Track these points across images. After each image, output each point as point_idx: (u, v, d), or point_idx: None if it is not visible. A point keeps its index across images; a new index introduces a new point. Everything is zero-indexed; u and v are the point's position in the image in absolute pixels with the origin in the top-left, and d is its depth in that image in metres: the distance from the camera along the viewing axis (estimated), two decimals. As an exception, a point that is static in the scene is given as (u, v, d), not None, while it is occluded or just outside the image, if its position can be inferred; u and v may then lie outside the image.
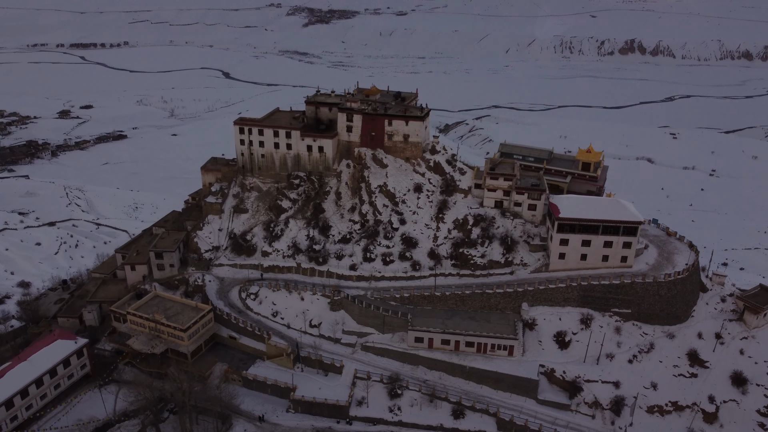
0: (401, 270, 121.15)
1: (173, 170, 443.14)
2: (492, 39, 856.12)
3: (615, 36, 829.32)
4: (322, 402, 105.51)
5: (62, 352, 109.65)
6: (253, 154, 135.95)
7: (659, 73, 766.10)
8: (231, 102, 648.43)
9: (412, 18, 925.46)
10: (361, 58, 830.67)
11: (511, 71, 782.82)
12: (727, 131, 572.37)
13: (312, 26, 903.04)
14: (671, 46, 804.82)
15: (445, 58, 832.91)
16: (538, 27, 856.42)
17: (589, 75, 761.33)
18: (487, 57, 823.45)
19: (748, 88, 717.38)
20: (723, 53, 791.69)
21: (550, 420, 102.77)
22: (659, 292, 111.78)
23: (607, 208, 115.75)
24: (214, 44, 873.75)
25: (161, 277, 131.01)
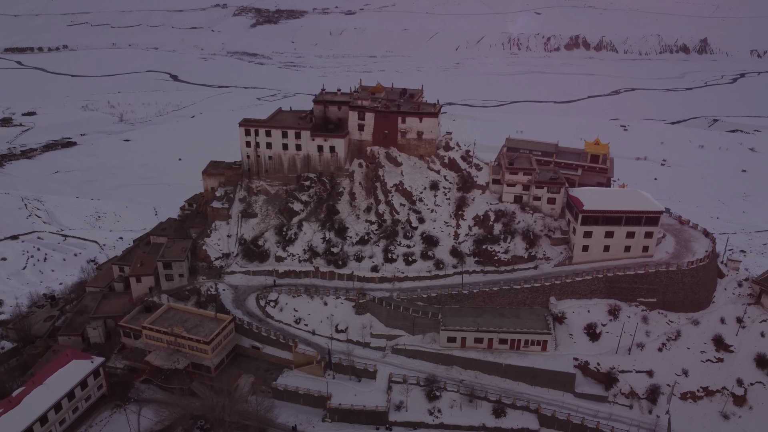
0: (425, 269, 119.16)
1: (130, 177, 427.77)
2: (441, 37, 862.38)
3: (560, 32, 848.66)
4: (360, 409, 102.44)
5: (79, 373, 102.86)
6: (259, 156, 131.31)
7: (604, 67, 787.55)
8: (182, 105, 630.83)
9: (361, 17, 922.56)
10: (312, 58, 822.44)
11: (462, 68, 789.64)
12: (673, 122, 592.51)
13: (260, 27, 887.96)
14: (614, 42, 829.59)
15: (397, 56, 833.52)
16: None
17: (537, 71, 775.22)
18: (438, 55, 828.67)
19: (688, 81, 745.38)
20: (662, 47, 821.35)
21: (591, 413, 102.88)
22: (683, 280, 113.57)
23: (628, 199, 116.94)
24: (160, 46, 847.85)
25: (170, 288, 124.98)
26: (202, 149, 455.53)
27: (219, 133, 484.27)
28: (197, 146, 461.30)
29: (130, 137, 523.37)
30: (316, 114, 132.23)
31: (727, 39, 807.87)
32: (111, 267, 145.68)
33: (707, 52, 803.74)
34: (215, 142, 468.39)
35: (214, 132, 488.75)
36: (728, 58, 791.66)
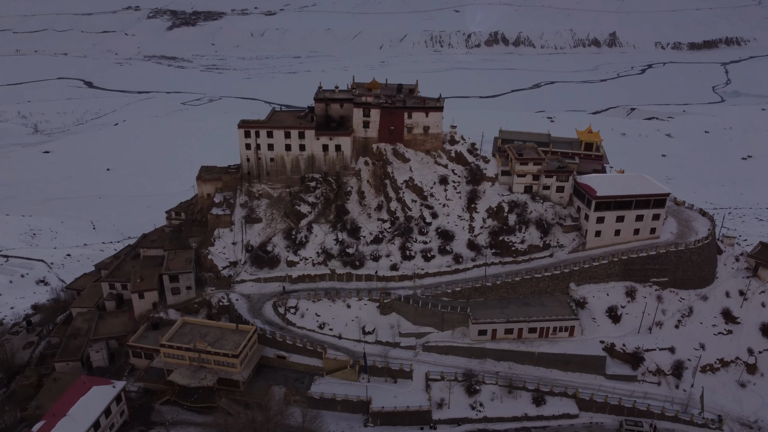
0: (444, 264, 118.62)
1: (56, 191, 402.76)
2: (365, 36, 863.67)
3: (480, 29, 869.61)
4: (403, 411, 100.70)
5: (102, 400, 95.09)
6: (260, 159, 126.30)
7: (523, 62, 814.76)
8: (101, 113, 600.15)
9: (282, 18, 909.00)
10: (234, 60, 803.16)
11: (388, 66, 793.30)
12: (593, 112, 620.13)
13: (177, 29, 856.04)
14: (530, 37, 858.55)
15: (321, 56, 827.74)
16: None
17: (461, 67, 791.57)
18: (363, 54, 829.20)
19: (601, 72, 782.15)
20: (575, 42, 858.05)
21: (626, 393, 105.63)
22: (691, 258, 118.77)
23: (635, 184, 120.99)
24: (69, 52, 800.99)
25: (177, 302, 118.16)
26: (132, 157, 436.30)
27: (148, 140, 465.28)
28: (125, 155, 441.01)
29: (49, 148, 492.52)
30: (317, 112, 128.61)
31: (634, 33, 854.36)
32: (97, 285, 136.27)
33: (617, 45, 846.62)
34: (145, 149, 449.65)
35: (142, 139, 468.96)
36: (636, 50, 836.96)
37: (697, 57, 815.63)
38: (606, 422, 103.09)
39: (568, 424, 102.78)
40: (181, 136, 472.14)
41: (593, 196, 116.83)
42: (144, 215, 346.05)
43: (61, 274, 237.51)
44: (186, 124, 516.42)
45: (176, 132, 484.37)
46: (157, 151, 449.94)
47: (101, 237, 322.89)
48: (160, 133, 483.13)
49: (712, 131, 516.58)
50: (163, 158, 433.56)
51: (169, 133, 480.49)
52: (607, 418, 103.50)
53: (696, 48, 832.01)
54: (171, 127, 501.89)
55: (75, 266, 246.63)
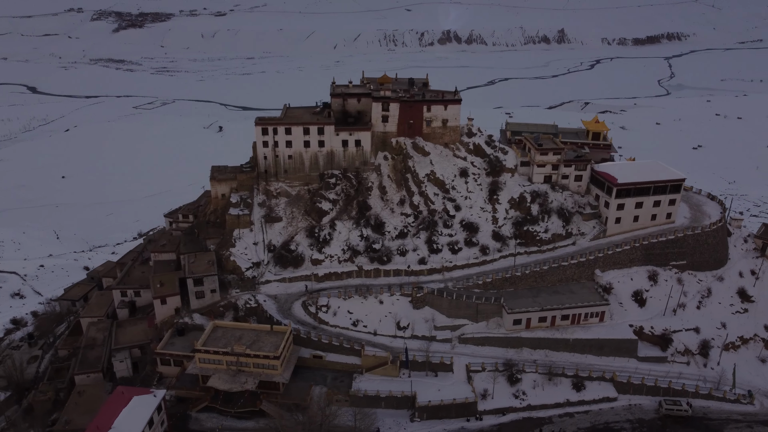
0: (471, 256, 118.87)
1: (8, 201, 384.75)
2: (318, 36, 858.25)
3: (432, 27, 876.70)
4: (449, 403, 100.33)
5: (145, 410, 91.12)
6: (278, 156, 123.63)
7: (476, 60, 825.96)
8: (49, 119, 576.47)
9: (233, 18, 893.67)
10: (186, 62, 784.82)
11: (344, 66, 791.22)
12: (549, 107, 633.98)
13: (124, 31, 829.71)
14: (482, 35, 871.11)
15: (275, 57, 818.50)
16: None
17: (415, 65, 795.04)
18: (317, 54, 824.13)
19: (552, 69, 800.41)
20: (526, 39, 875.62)
21: (661, 374, 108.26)
22: (707, 241, 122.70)
23: (651, 170, 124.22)
24: (9, 56, 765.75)
25: (201, 305, 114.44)
26: (88, 164, 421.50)
27: (103, 146, 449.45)
28: (79, 161, 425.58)
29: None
30: (334, 108, 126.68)
31: (581, 29, 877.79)
32: (105, 293, 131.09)
33: (565, 42, 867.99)
34: (101, 155, 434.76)
35: (96, 145, 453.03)
36: (583, 46, 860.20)
37: (642, 52, 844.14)
38: (644, 403, 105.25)
39: (608, 407, 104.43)
40: (138, 141, 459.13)
41: (614, 183, 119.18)
42: (108, 223, 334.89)
43: (37, 285, 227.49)
44: (141, 128, 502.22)
45: (132, 136, 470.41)
46: (114, 156, 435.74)
47: (67, 247, 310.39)
48: (115, 138, 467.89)
49: (663, 123, 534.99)
50: (122, 164, 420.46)
51: (125, 138, 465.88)
52: (645, 399, 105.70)
53: (640, 43, 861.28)
54: (126, 132, 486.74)
55: (50, 277, 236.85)
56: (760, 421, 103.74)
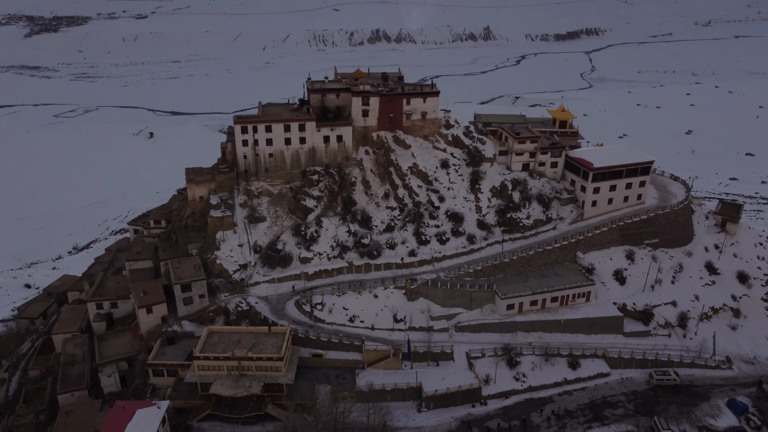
0: (460, 246, 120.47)
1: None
2: (246, 37, 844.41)
3: (361, 27, 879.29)
4: (455, 391, 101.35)
5: (152, 423, 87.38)
6: (258, 155, 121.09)
7: (406, 58, 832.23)
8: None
9: (155, 21, 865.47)
10: (107, 68, 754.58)
11: (275, 67, 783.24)
12: (482, 102, 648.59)
13: (37, 36, 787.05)
14: (411, 33, 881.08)
15: (202, 60, 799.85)
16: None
17: (347, 65, 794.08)
18: (246, 55, 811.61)
19: (481, 65, 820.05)
20: (454, 36, 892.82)
21: (648, 347, 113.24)
22: (676, 219, 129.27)
23: (622, 154, 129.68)
24: None
25: (190, 312, 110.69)
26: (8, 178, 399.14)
27: (23, 158, 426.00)
28: (2, 175, 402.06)
29: None
30: (313, 104, 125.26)
31: (506, 26, 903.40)
32: (77, 308, 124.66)
33: (491, 39, 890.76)
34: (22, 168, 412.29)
35: (15, 158, 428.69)
36: (509, 42, 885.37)
37: (564, 47, 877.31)
38: (635, 376, 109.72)
39: (603, 382, 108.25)
40: (63, 151, 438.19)
41: (591, 168, 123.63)
42: (38, 237, 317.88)
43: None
44: (65, 137, 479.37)
45: (56, 146, 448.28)
46: (38, 168, 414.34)
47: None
48: (38, 149, 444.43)
49: (589, 114, 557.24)
50: (47, 175, 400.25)
51: (48, 149, 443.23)
52: (636, 372, 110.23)
53: (561, 39, 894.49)
54: (49, 142, 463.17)
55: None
56: (740, 383, 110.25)
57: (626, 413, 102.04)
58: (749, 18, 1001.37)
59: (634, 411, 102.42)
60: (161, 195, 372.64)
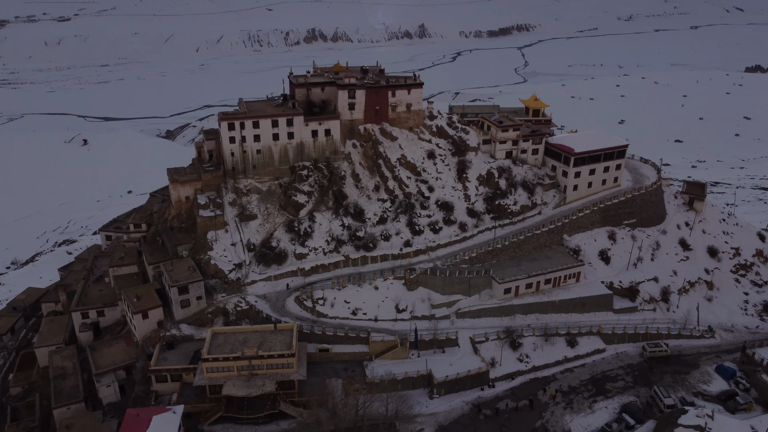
0: (452, 234, 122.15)
1: None
2: (178, 39, 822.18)
3: (297, 27, 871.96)
4: (465, 375, 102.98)
5: (170, 429, 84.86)
6: (246, 152, 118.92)
7: (344, 57, 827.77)
8: None
9: (79, 23, 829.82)
10: (30, 73, 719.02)
11: (210, 69, 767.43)
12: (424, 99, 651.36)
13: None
14: (347, 32, 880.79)
15: (133, 63, 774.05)
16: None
17: (285, 65, 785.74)
18: (179, 57, 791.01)
19: (418, 63, 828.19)
20: (389, 34, 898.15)
21: (638, 322, 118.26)
22: (651, 199, 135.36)
23: (599, 139, 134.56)
24: None
25: (187, 315, 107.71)
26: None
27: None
28: None
29: None
30: (298, 98, 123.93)
31: (440, 24, 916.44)
32: (58, 319, 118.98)
33: (427, 36, 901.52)
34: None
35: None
36: (444, 40, 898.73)
37: (497, 43, 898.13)
38: (629, 350, 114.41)
39: (600, 358, 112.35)
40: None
41: (572, 153, 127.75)
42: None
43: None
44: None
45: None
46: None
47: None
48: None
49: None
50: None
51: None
52: (629, 347, 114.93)
53: (494, 35, 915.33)
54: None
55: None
56: (724, 350, 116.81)
57: (626, 385, 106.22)
58: (667, 12, 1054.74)
59: (633, 383, 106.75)
60: (103, 204, 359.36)
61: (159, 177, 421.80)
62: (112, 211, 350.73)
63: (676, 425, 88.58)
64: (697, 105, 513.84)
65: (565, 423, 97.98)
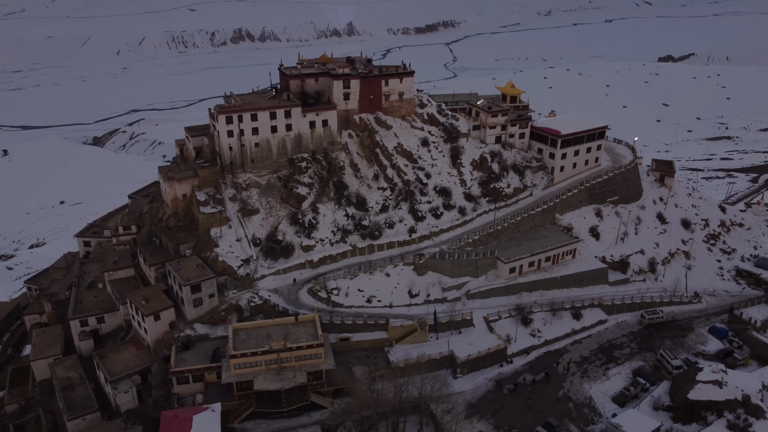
0: (453, 219, 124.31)
1: None
2: (97, 41, 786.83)
3: (222, 27, 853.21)
4: (485, 354, 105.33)
5: (213, 427, 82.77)
6: (244, 146, 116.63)
7: (273, 56, 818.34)
8: None
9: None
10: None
11: (133, 73, 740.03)
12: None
13: None
14: (275, 32, 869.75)
15: (49, 68, 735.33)
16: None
17: (212, 66, 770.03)
18: (99, 61, 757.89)
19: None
20: (318, 33, 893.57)
21: (633, 292, 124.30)
22: (630, 177, 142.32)
23: (580, 122, 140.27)
24: None
25: (200, 314, 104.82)
26: None
27: None
28: None
29: None
30: (293, 90, 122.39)
31: (369, 21, 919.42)
32: (51, 330, 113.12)
33: (355, 34, 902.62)
34: None
35: None
36: (372, 37, 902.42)
37: (424, 39, 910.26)
38: (628, 319, 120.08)
39: (603, 328, 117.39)
40: None
41: (559, 135, 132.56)
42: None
43: None
44: None
45: None
46: None
47: None
48: None
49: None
50: None
51: None
52: (628, 316, 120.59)
53: (422, 32, 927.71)
54: None
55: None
56: (711, 313, 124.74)
57: (632, 352, 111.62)
58: (583, 7, 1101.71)
59: (638, 349, 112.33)
60: (35, 216, 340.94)
61: (95, 185, 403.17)
62: (46, 223, 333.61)
63: (695, 382, 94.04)
64: (620, 94, 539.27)
65: (585, 391, 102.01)
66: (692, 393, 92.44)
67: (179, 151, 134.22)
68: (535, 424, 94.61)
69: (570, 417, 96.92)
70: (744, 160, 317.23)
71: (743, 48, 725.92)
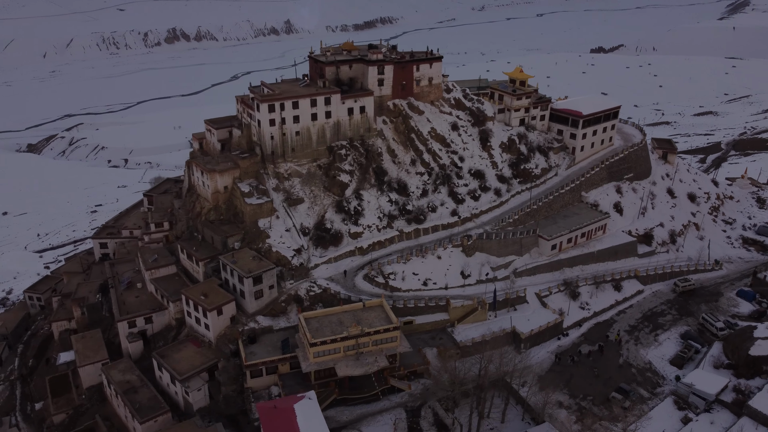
0: (490, 200, 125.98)
1: None
2: (20, 44, 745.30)
3: (155, 27, 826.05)
4: (545, 328, 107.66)
5: (315, 413, 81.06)
6: (285, 134, 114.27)
7: (210, 56, 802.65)
8: None
9: None
10: None
11: (62, 76, 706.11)
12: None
13: None
14: (211, 31, 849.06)
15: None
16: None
17: (147, 68, 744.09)
18: (24, 65, 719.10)
19: (289, 58, 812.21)
20: (255, 32, 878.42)
21: (663, 263, 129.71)
22: (642, 155, 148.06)
23: (596, 102, 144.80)
24: None
25: (260, 306, 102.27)
26: None
27: None
28: None
29: None
30: (328, 77, 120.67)
31: (305, 19, 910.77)
32: (90, 336, 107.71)
33: (294, 32, 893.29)
34: None
35: None
36: (311, 35, 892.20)
37: (364, 36, 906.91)
38: (661, 288, 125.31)
39: (642, 298, 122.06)
40: None
41: (580, 116, 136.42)
42: None
43: None
44: None
45: None
46: None
47: None
48: None
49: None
50: None
51: None
52: (661, 285, 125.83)
53: (360, 28, 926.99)
54: None
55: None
56: (732, 279, 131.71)
57: (674, 318, 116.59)
58: (514, 2, 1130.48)
59: (679, 315, 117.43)
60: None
61: (37, 194, 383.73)
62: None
63: (753, 339, 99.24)
64: (561, 85, 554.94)
65: (643, 356, 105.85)
66: (753, 349, 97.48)
67: (198, 144, 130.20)
68: (607, 391, 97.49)
69: (637, 381, 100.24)
70: (688, 143, 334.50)
71: (668, 38, 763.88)
